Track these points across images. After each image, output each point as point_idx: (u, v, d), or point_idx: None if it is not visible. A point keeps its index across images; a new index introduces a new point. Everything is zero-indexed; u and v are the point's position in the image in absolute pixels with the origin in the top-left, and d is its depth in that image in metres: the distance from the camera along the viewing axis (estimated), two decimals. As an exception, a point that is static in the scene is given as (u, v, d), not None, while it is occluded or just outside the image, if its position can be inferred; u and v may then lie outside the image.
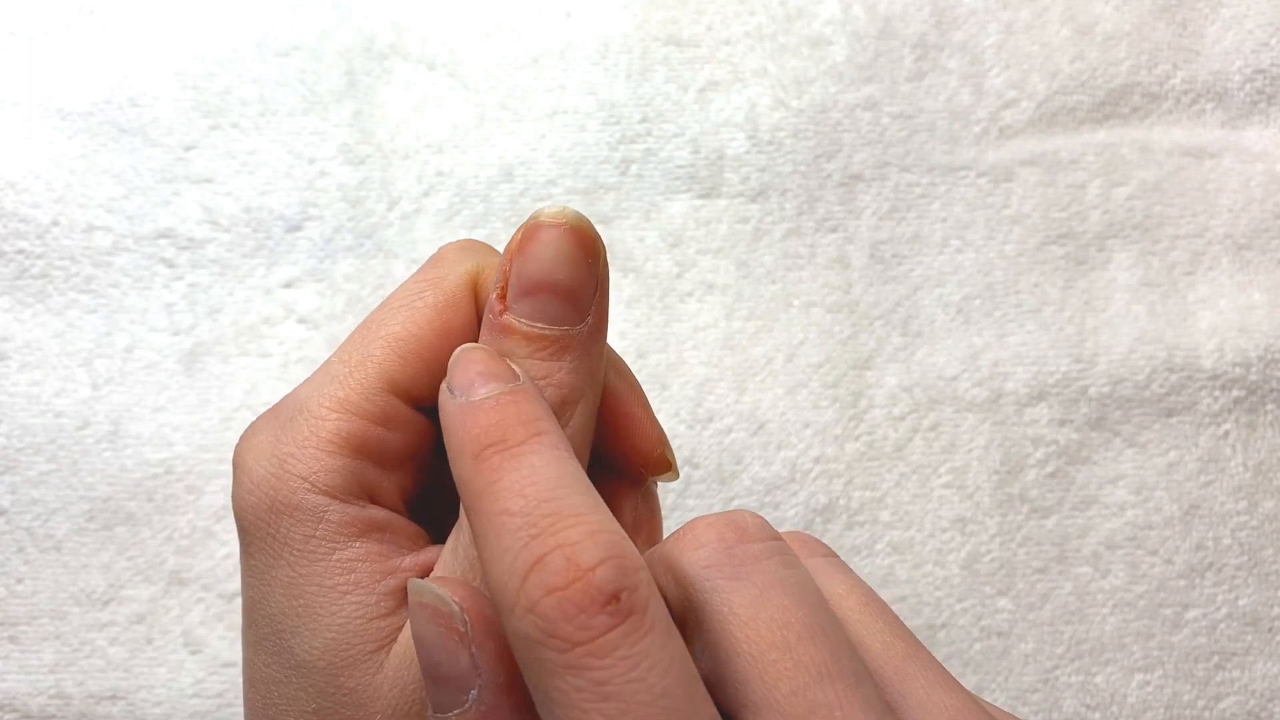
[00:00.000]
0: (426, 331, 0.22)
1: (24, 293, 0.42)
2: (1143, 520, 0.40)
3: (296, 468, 0.21)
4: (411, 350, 0.22)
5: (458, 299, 0.23)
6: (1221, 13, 0.46)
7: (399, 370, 0.22)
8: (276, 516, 0.21)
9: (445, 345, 0.22)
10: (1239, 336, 0.42)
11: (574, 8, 0.46)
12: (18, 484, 0.40)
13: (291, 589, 0.21)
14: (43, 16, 0.45)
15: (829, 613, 0.18)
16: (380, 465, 0.22)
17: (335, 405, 0.22)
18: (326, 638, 0.20)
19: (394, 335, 0.22)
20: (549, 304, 0.21)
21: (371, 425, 0.22)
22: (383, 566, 0.21)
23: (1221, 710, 0.39)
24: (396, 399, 0.22)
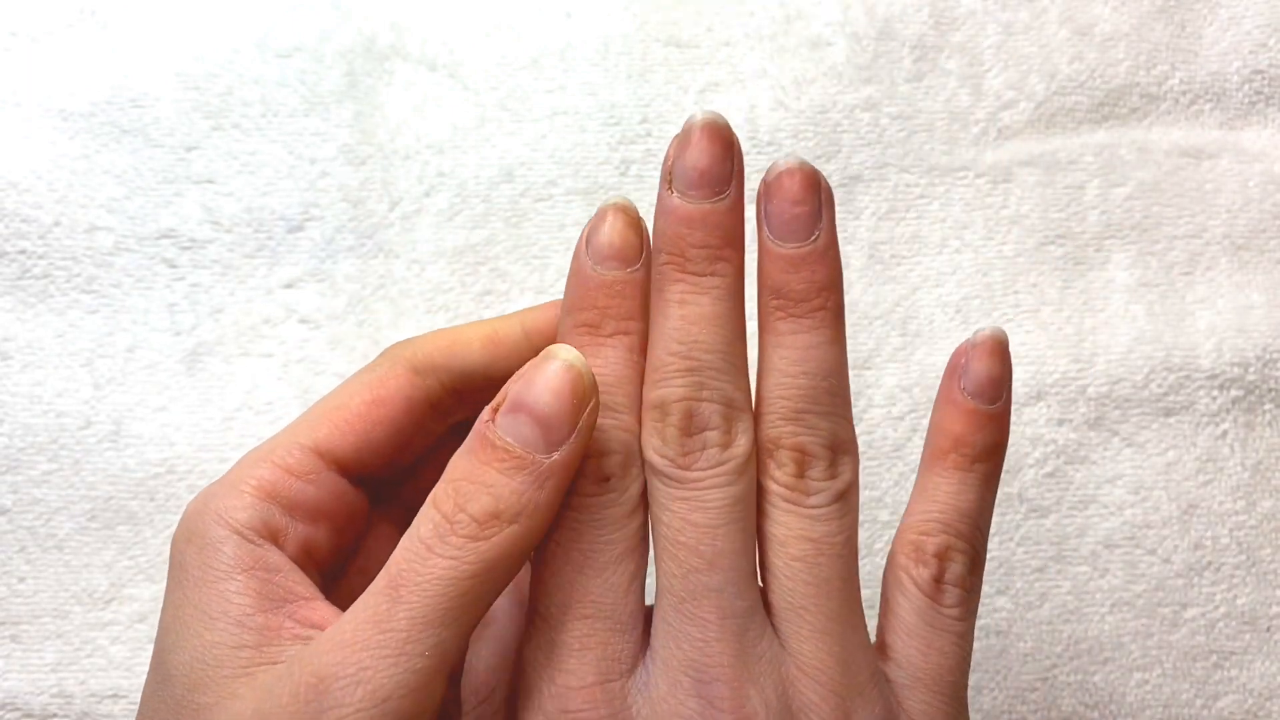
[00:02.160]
0: (356, 401, 0.26)
1: (26, 293, 0.42)
2: (1141, 520, 0.41)
3: (215, 504, 0.24)
4: (341, 417, 0.26)
5: (389, 376, 0.26)
6: (1220, 14, 0.46)
7: (324, 432, 0.25)
8: (187, 544, 0.24)
9: (374, 411, 0.26)
10: (1237, 336, 0.42)
11: (574, 8, 0.46)
12: (19, 483, 0.40)
13: (177, 608, 0.23)
14: (44, 17, 0.45)
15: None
16: (289, 512, 0.24)
17: (262, 456, 0.25)
18: (190, 654, 0.22)
19: (329, 404, 0.26)
20: (524, 426, 0.22)
21: (286, 474, 0.25)
22: (257, 605, 0.23)
23: (1219, 709, 0.39)
24: (316, 456, 0.25)
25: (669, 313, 0.24)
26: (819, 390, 0.24)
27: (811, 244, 0.24)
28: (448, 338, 0.27)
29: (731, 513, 0.23)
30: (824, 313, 0.24)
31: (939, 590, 0.25)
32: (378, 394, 0.26)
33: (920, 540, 0.26)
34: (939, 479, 0.26)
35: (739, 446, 0.24)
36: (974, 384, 0.26)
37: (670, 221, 0.24)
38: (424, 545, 0.22)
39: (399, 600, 0.21)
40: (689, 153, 0.24)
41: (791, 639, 0.23)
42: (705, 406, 0.24)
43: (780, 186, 0.24)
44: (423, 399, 0.26)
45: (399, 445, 0.26)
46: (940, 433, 0.26)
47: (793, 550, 0.24)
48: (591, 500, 0.23)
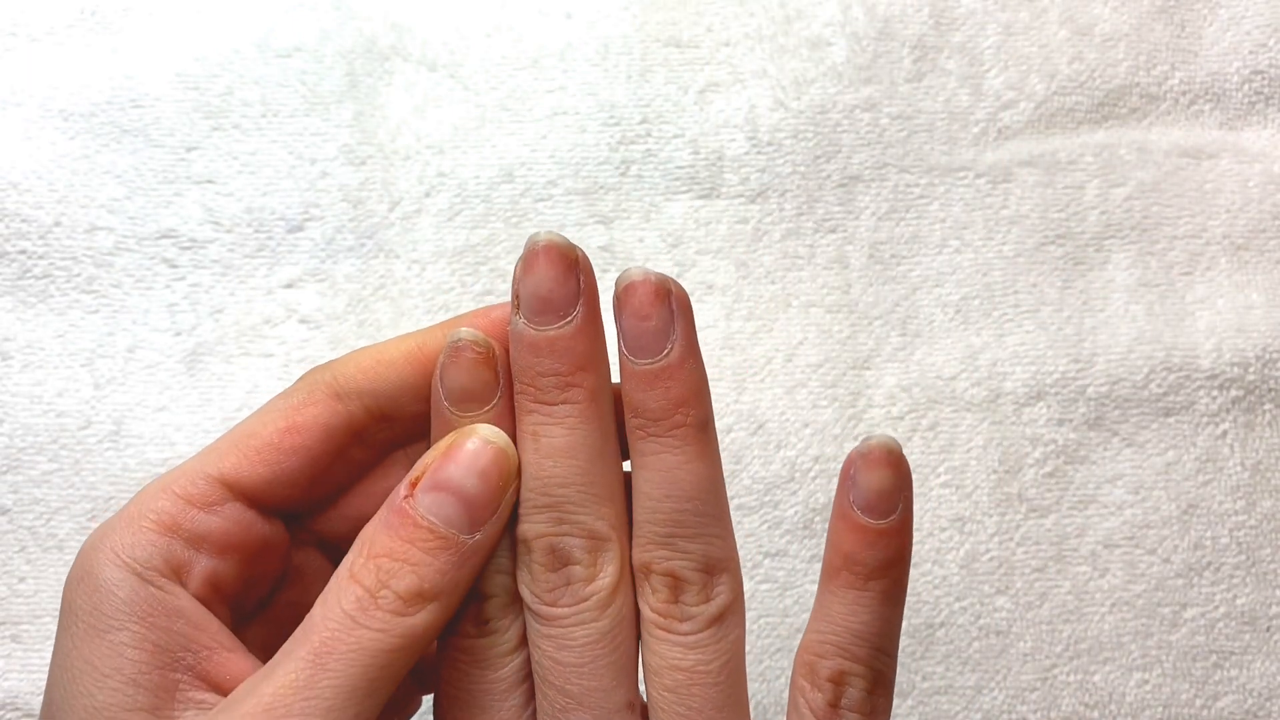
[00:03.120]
0: (269, 429, 0.24)
1: (26, 293, 0.42)
2: (1141, 519, 0.41)
3: (110, 540, 0.22)
4: (251, 445, 0.24)
5: (306, 402, 0.24)
6: (1219, 14, 0.46)
7: (231, 461, 0.24)
8: (78, 586, 0.22)
9: (289, 440, 0.24)
10: (1237, 336, 0.42)
11: (574, 9, 0.46)
12: (20, 483, 0.40)
13: (66, 659, 0.22)
14: (44, 17, 0.45)
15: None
16: (192, 545, 0.23)
17: (163, 486, 0.23)
18: (80, 715, 0.21)
19: (239, 431, 0.24)
20: (449, 505, 0.22)
21: (189, 506, 0.23)
22: (153, 659, 0.22)
23: (1219, 709, 0.39)
24: (223, 487, 0.24)
25: (525, 446, 0.23)
26: (684, 513, 0.23)
27: (665, 358, 0.23)
28: (370, 358, 0.25)
29: (596, 649, 0.23)
30: (684, 429, 0.23)
31: (835, 715, 0.24)
32: (293, 421, 0.24)
33: (814, 662, 0.25)
34: (832, 597, 0.25)
35: (604, 578, 0.23)
36: (863, 499, 0.24)
37: (520, 349, 0.23)
38: (349, 617, 0.21)
39: (323, 668, 0.21)
40: (530, 278, 0.23)
41: None
42: (566, 541, 0.23)
43: (628, 301, 0.23)
44: (343, 426, 0.25)
45: (317, 476, 0.25)
46: (832, 548, 0.25)
47: (665, 680, 0.23)
48: (473, 643, 0.23)
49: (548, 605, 0.23)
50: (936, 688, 0.39)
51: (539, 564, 0.23)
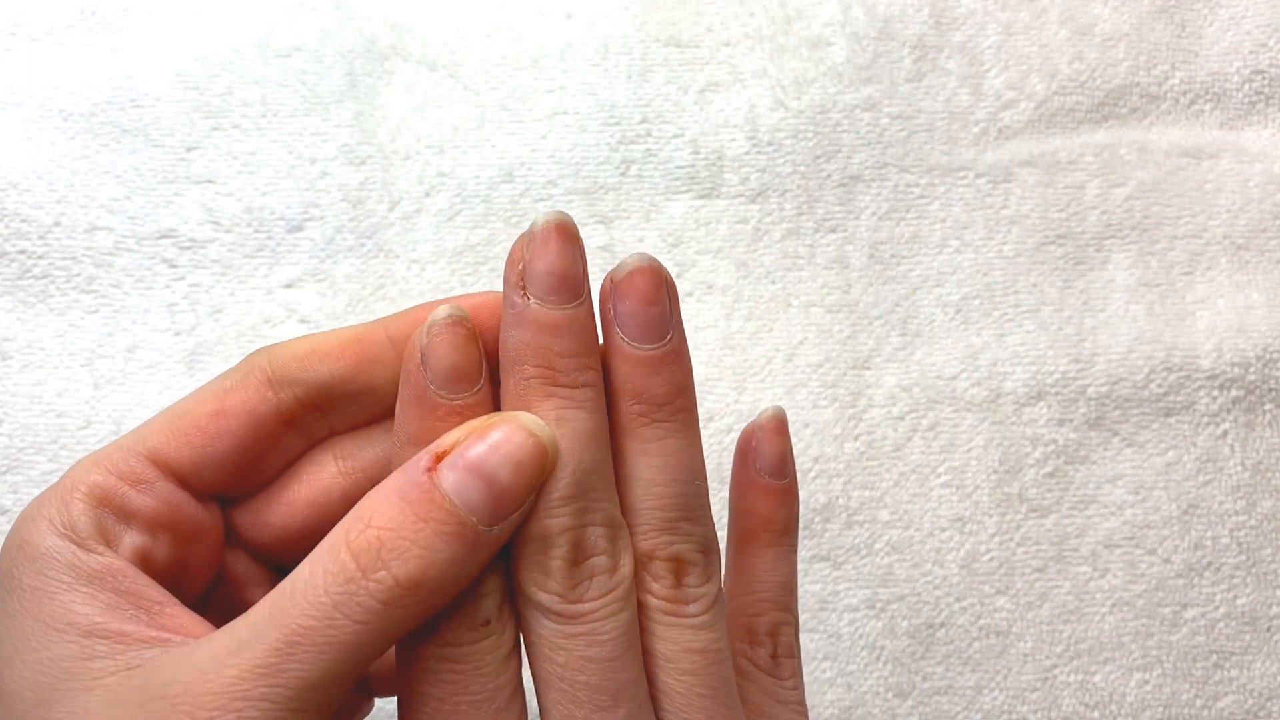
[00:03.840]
0: (199, 410, 0.24)
1: (26, 293, 0.42)
2: (1141, 520, 0.41)
3: (44, 510, 0.22)
4: (180, 425, 0.24)
5: (238, 386, 0.24)
6: (1220, 13, 0.46)
7: (163, 440, 0.24)
8: (19, 554, 0.22)
9: (216, 423, 0.24)
10: (1237, 336, 0.42)
11: (574, 9, 0.46)
12: (20, 483, 0.40)
13: (13, 619, 0.21)
14: (44, 17, 0.45)
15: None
16: (123, 520, 0.23)
17: (94, 462, 0.23)
18: (34, 669, 0.21)
19: (171, 411, 0.24)
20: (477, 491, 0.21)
21: (119, 482, 0.23)
22: (108, 614, 0.21)
23: (1220, 709, 0.39)
24: (153, 465, 0.24)
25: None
26: (688, 496, 0.23)
27: (668, 344, 0.23)
28: (307, 346, 0.24)
29: (626, 640, 0.22)
30: (685, 414, 0.24)
31: (777, 666, 0.25)
32: (223, 404, 0.24)
33: (752, 622, 0.25)
34: (754, 559, 0.26)
35: (624, 568, 0.22)
36: (769, 463, 0.26)
37: (532, 331, 0.22)
38: (330, 602, 0.20)
39: (292, 656, 0.20)
40: (546, 256, 0.22)
41: None
42: (591, 533, 0.22)
43: (633, 286, 0.23)
44: (273, 414, 0.24)
45: (246, 462, 0.24)
46: (746, 515, 0.26)
47: (682, 665, 0.23)
48: (470, 648, 0.22)
49: (572, 603, 0.22)
50: (937, 688, 0.39)
51: (563, 560, 0.22)
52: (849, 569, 0.40)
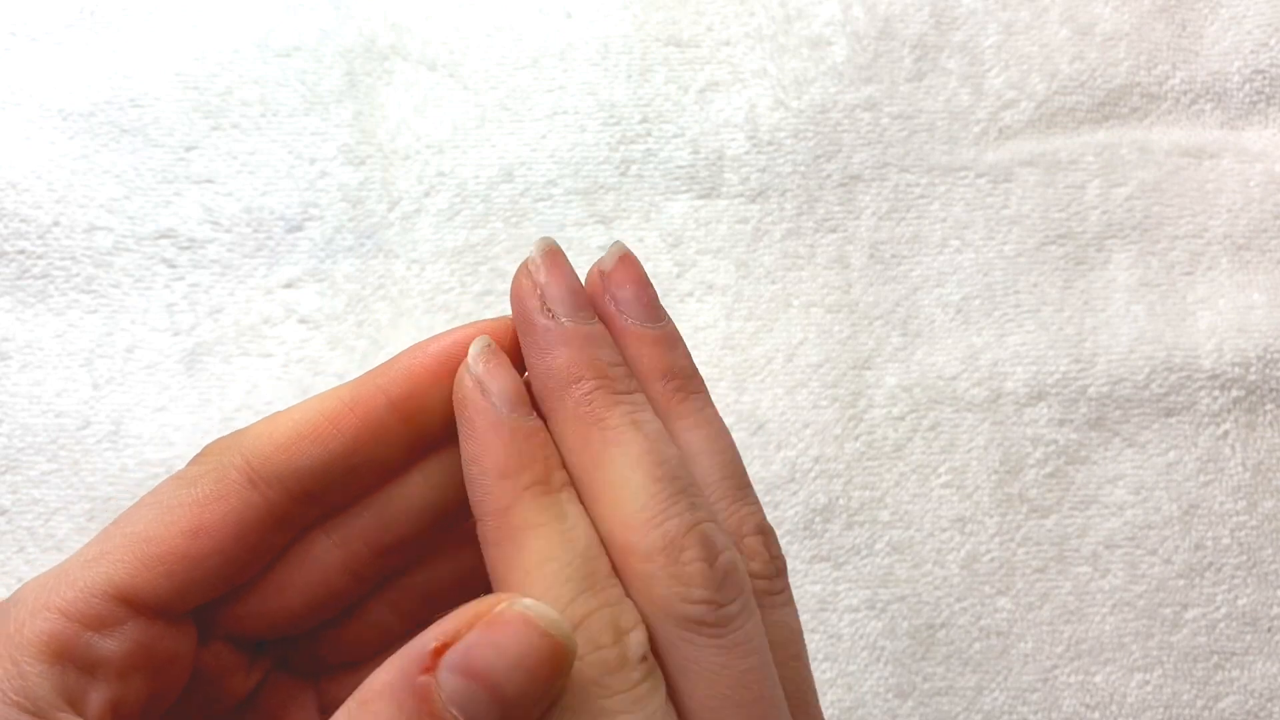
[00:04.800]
0: (172, 532, 0.20)
1: (25, 293, 0.42)
2: (1142, 520, 0.41)
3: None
4: (151, 553, 0.20)
5: (214, 496, 0.21)
6: (1220, 13, 0.46)
7: (131, 575, 0.20)
8: None
9: (195, 546, 0.20)
10: (1238, 336, 0.42)
11: (574, 9, 0.46)
12: (19, 484, 0.40)
13: None
14: (44, 17, 0.45)
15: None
16: (88, 673, 0.20)
17: (48, 603, 0.20)
18: None
19: (136, 534, 0.20)
20: (481, 703, 0.17)
21: (83, 630, 0.20)
22: None
23: (1220, 710, 0.39)
24: (121, 604, 0.20)
25: (626, 439, 0.21)
26: (739, 461, 0.22)
27: (668, 321, 0.23)
28: (287, 430, 0.21)
29: (764, 639, 0.20)
30: (703, 383, 0.23)
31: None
32: (200, 521, 0.20)
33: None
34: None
35: (740, 560, 0.20)
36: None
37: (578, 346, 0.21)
38: None
39: None
40: (560, 279, 0.22)
41: None
42: (708, 527, 0.20)
43: (626, 273, 0.23)
44: (261, 519, 0.21)
45: (233, 575, 0.21)
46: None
47: (791, 649, 0.21)
48: (640, 689, 0.19)
49: (722, 606, 0.19)
50: (937, 689, 0.39)
51: (700, 560, 0.19)
52: (849, 569, 0.40)
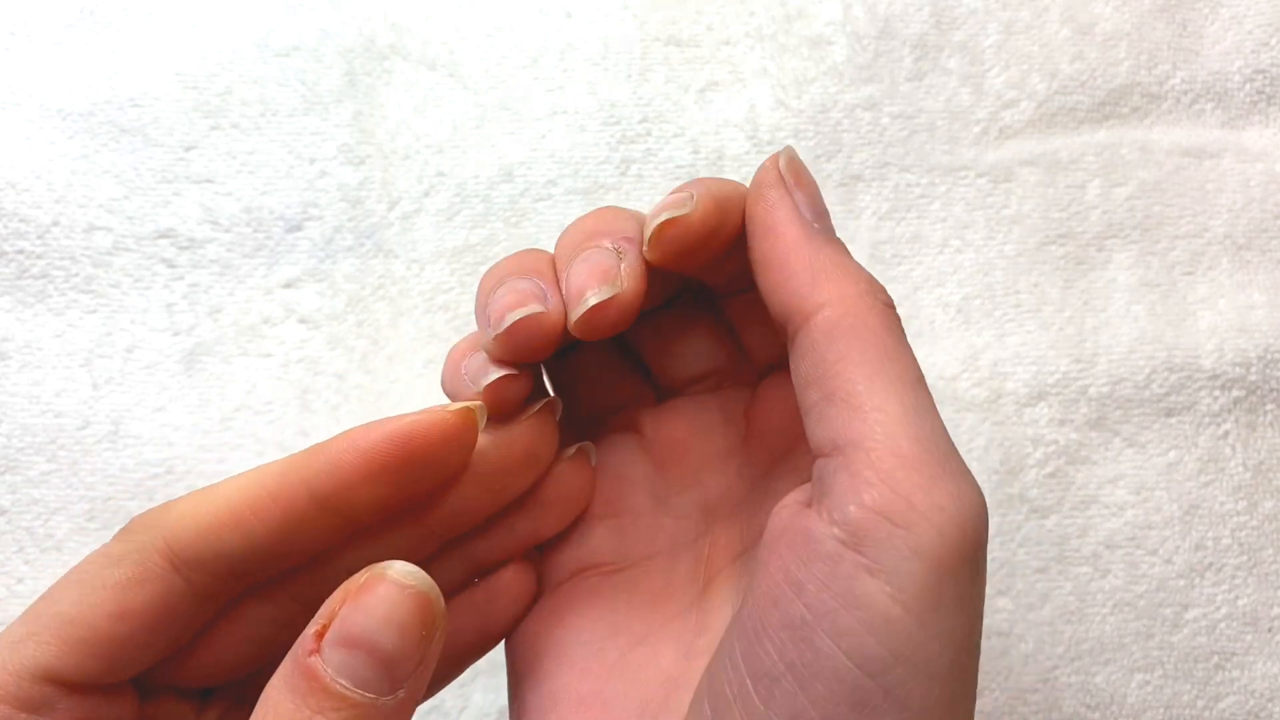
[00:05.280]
0: (96, 614, 0.21)
1: (24, 293, 0.42)
2: (1142, 520, 0.40)
3: None
4: (77, 636, 0.20)
5: (137, 579, 0.21)
6: (1221, 13, 0.46)
7: (58, 657, 0.20)
8: None
9: (120, 629, 0.20)
10: (1239, 336, 0.42)
11: (574, 8, 0.46)
12: (18, 484, 0.40)
13: None
14: (43, 17, 0.45)
15: None
16: None
17: None
18: None
19: (61, 615, 0.21)
20: (362, 665, 0.18)
21: (15, 710, 0.20)
22: None
23: (1221, 710, 0.39)
24: (51, 685, 0.20)
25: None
26: None
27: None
28: (208, 516, 0.21)
29: None
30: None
31: None
32: (124, 604, 0.20)
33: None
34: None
35: None
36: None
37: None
38: None
39: None
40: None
41: None
42: None
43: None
44: (184, 600, 0.21)
45: (162, 650, 0.22)
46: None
47: None
48: None
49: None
50: (937, 689, 0.39)
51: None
52: (849, 570, 0.40)
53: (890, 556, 0.18)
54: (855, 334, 0.20)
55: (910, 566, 0.18)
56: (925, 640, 0.18)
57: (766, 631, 0.19)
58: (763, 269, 0.22)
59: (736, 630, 0.20)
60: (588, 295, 0.21)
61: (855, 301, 0.21)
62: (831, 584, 0.18)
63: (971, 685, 0.19)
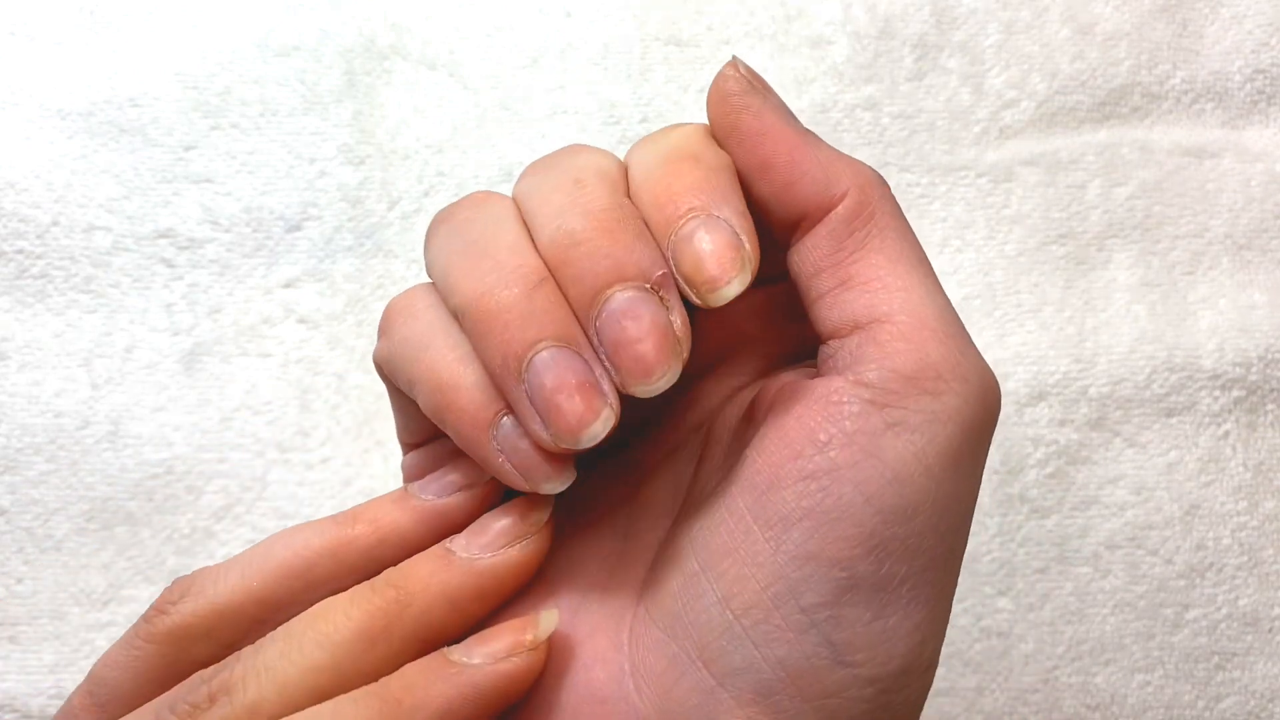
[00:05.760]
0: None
1: (24, 293, 0.42)
2: (1143, 520, 0.40)
3: None
4: None
5: None
6: (1221, 12, 0.46)
7: None
8: None
9: None
10: (1239, 336, 0.42)
11: (574, 8, 0.46)
12: (17, 484, 0.40)
13: None
14: (42, 16, 0.45)
15: None
16: None
17: None
18: None
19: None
20: None
21: None
22: None
23: (1221, 710, 0.39)
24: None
25: None
26: None
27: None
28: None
29: None
30: None
31: None
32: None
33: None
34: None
35: None
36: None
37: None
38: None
39: None
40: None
41: None
42: None
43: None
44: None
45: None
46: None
47: None
48: None
49: None
50: (938, 689, 0.39)
51: None
52: (850, 570, 0.40)
53: (918, 418, 0.19)
54: (875, 220, 0.21)
55: (936, 429, 0.19)
56: (940, 497, 0.19)
57: (784, 482, 0.19)
58: (766, 173, 0.22)
59: (737, 487, 0.20)
60: (655, 380, 0.20)
61: (871, 190, 0.21)
62: (857, 439, 0.19)
63: (963, 547, 0.21)
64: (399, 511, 0.22)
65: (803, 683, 0.19)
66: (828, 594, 0.19)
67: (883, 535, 0.19)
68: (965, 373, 0.20)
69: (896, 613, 0.19)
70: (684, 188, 0.20)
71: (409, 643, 0.20)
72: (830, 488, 0.19)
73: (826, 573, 0.19)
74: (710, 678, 0.19)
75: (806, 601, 0.19)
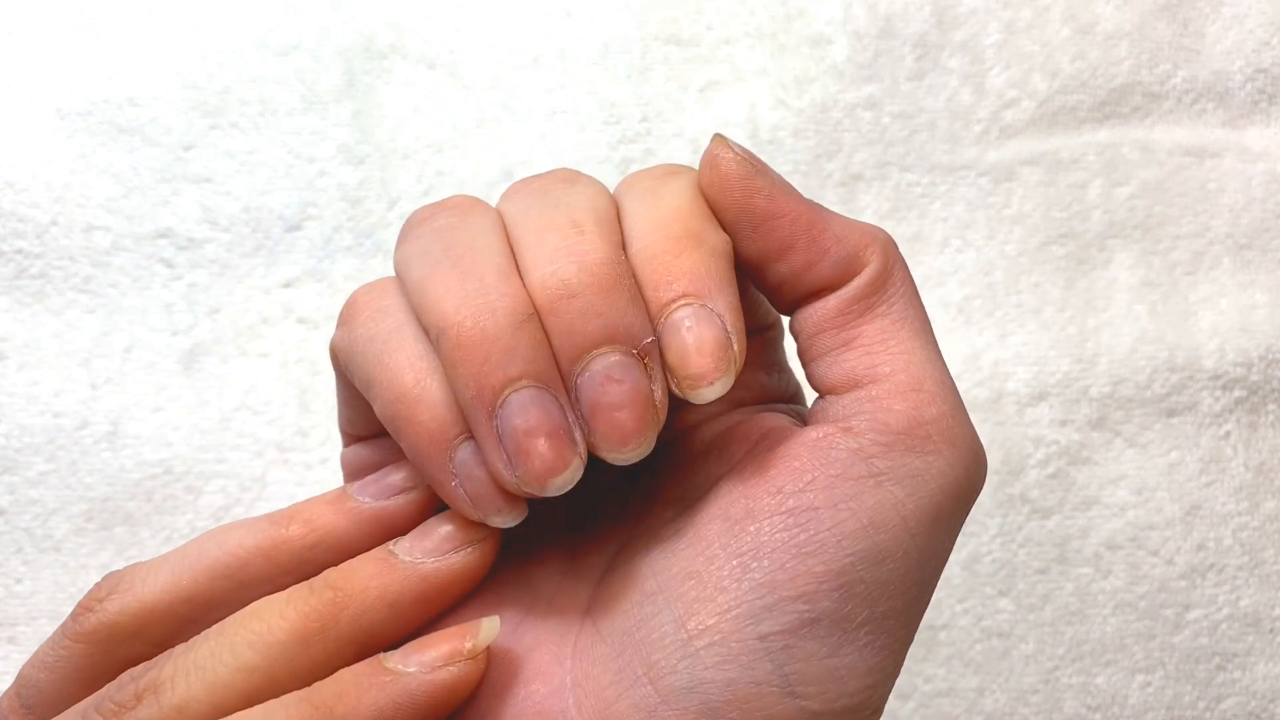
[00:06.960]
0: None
1: (23, 292, 0.42)
2: (1144, 521, 0.40)
3: None
4: None
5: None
6: (1222, 12, 0.46)
7: None
8: None
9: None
10: (1240, 336, 0.42)
11: (574, 7, 0.46)
12: (16, 484, 0.40)
13: None
14: (42, 16, 0.45)
15: None
16: None
17: None
18: None
19: None
20: None
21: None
22: None
23: (1222, 711, 0.39)
24: None
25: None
26: None
27: None
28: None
29: None
30: None
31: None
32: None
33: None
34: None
35: None
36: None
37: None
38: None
39: None
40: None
41: None
42: None
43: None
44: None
45: None
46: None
47: None
48: None
49: None
50: (939, 690, 0.39)
51: None
52: (850, 570, 0.40)
53: (902, 473, 0.20)
54: (886, 289, 0.22)
55: (918, 487, 0.20)
56: (912, 550, 0.20)
57: (760, 515, 0.20)
58: (787, 254, 0.22)
59: (706, 516, 0.21)
60: (629, 449, 0.19)
61: (888, 262, 0.22)
62: (839, 484, 0.20)
63: (924, 607, 0.21)
64: (335, 514, 0.22)
65: (748, 708, 0.19)
66: (788, 625, 0.19)
67: (851, 576, 0.19)
68: (955, 438, 0.20)
69: (853, 653, 0.19)
70: (681, 271, 0.20)
71: (345, 646, 0.20)
72: (806, 524, 0.19)
73: (790, 605, 0.19)
74: (655, 694, 0.19)
75: (765, 629, 0.19)
